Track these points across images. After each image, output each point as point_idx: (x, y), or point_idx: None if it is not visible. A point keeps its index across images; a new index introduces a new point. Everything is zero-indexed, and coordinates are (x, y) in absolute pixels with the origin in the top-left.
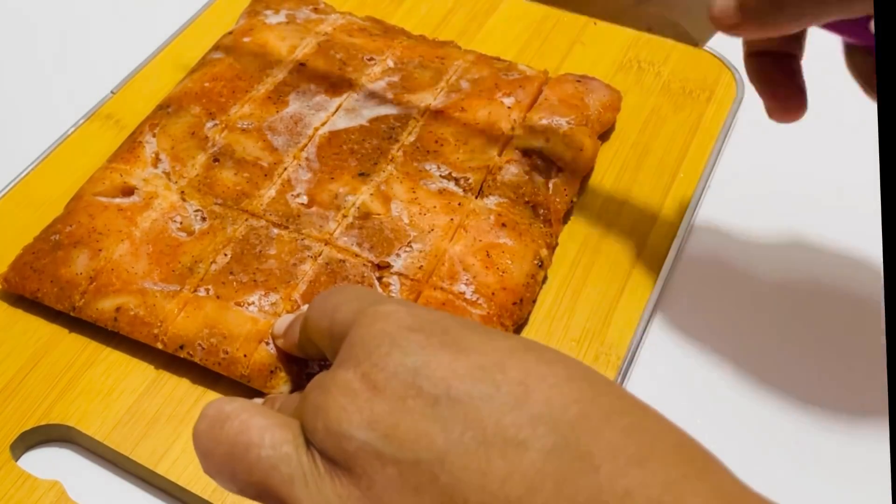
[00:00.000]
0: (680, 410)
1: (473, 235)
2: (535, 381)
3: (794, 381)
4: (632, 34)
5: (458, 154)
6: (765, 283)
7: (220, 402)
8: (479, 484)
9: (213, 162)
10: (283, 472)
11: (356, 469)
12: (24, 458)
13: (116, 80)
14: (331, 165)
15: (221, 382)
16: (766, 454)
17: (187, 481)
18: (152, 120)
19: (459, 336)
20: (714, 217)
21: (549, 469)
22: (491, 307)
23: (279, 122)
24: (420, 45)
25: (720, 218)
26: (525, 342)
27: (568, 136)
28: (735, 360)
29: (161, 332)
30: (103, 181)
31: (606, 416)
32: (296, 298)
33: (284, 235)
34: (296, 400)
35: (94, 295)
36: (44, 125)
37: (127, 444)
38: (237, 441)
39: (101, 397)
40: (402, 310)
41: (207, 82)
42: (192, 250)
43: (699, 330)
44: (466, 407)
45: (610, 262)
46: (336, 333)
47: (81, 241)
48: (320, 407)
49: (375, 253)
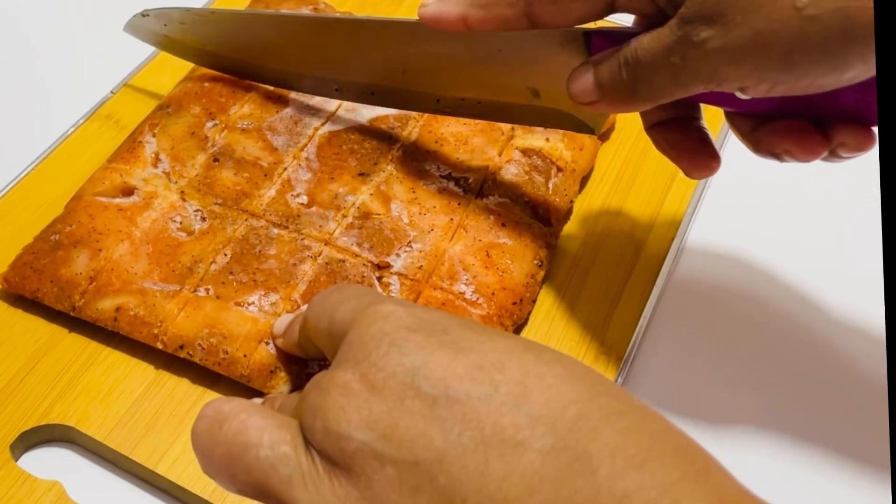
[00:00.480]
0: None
1: (473, 235)
2: (533, 382)
3: (794, 381)
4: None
5: (458, 154)
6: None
7: (218, 402)
8: (477, 484)
9: (212, 162)
10: (281, 472)
11: (355, 469)
12: (24, 458)
13: (116, 80)
14: (331, 165)
15: (221, 382)
16: (765, 455)
17: (187, 481)
18: (152, 120)
19: (458, 336)
20: (714, 217)
21: (548, 470)
22: (491, 307)
23: (279, 122)
24: None
25: (721, 218)
26: (524, 342)
27: (568, 137)
28: (735, 360)
29: (161, 332)
30: (103, 181)
31: (605, 417)
32: (295, 298)
33: (284, 235)
34: (295, 400)
35: (93, 295)
36: (44, 125)
37: (127, 444)
38: (236, 441)
39: (101, 397)
40: (400, 310)
41: (207, 82)
42: (192, 250)
43: (699, 330)
44: (465, 407)
45: (610, 262)
46: (335, 333)
47: (81, 240)
48: (319, 407)
49: (375, 253)
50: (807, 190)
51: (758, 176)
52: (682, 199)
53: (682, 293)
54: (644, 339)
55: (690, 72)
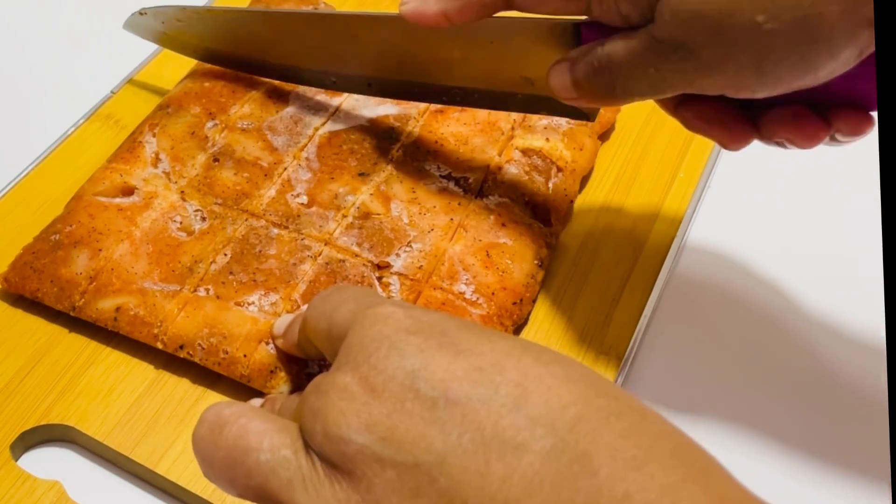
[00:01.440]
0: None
1: (473, 235)
2: (533, 383)
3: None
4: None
5: (458, 154)
6: (767, 281)
7: (218, 406)
8: (477, 486)
9: (212, 162)
10: (282, 476)
11: (355, 472)
12: (24, 457)
13: (116, 80)
14: (331, 165)
15: (221, 382)
16: (765, 456)
17: (187, 481)
18: (152, 120)
19: (457, 338)
20: (715, 217)
21: (548, 471)
22: (491, 307)
23: (279, 121)
24: None
25: (721, 218)
26: (523, 343)
27: (568, 136)
28: (735, 360)
29: (161, 331)
30: (103, 181)
31: (605, 418)
32: (295, 298)
33: (284, 235)
34: (295, 401)
35: (93, 295)
36: (44, 125)
37: (127, 444)
38: (236, 445)
39: (101, 397)
40: (399, 312)
41: (207, 82)
42: (192, 250)
43: (699, 330)
44: (465, 409)
45: (610, 262)
46: (334, 335)
47: (81, 240)
48: (319, 410)
49: (375, 253)
50: (807, 190)
51: (758, 176)
52: (682, 199)
53: (682, 293)
54: (644, 339)
55: (667, 82)
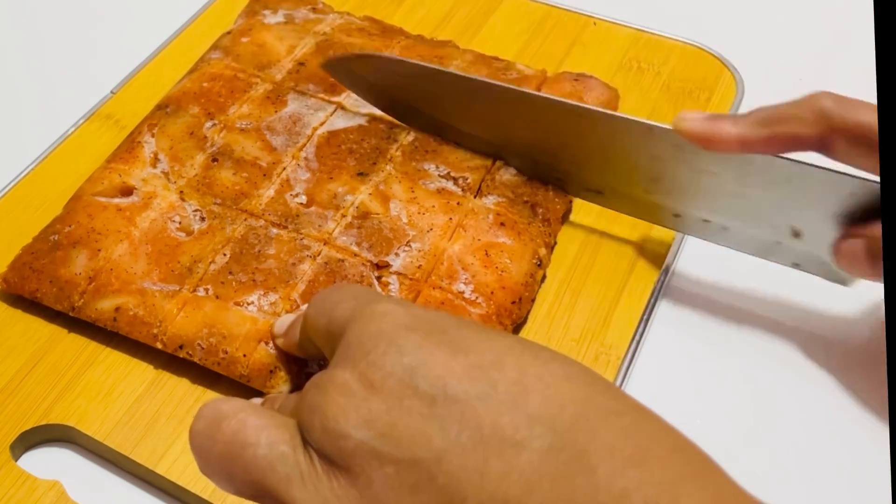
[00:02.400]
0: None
1: (472, 235)
2: (531, 381)
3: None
4: (632, 34)
5: (457, 153)
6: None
7: (216, 401)
8: (476, 483)
9: (211, 162)
10: (279, 471)
11: (354, 468)
12: (23, 458)
13: (116, 80)
14: (329, 165)
15: (221, 382)
16: (764, 456)
17: (187, 481)
18: (151, 120)
19: (456, 335)
20: None
21: (546, 469)
22: (490, 306)
23: (278, 121)
24: (418, 45)
25: None
26: (522, 341)
27: None
28: (735, 360)
29: (160, 331)
30: (102, 181)
31: (604, 417)
32: (295, 298)
33: (283, 235)
34: (295, 400)
35: (93, 295)
36: (44, 125)
37: (127, 444)
38: (234, 440)
39: (101, 397)
40: (398, 309)
41: (206, 82)
42: (192, 250)
43: (699, 330)
44: (463, 406)
45: (610, 262)
46: (334, 332)
47: (80, 241)
48: (317, 406)
49: (374, 252)
50: None
51: None
52: None
53: (681, 293)
54: (644, 339)
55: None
